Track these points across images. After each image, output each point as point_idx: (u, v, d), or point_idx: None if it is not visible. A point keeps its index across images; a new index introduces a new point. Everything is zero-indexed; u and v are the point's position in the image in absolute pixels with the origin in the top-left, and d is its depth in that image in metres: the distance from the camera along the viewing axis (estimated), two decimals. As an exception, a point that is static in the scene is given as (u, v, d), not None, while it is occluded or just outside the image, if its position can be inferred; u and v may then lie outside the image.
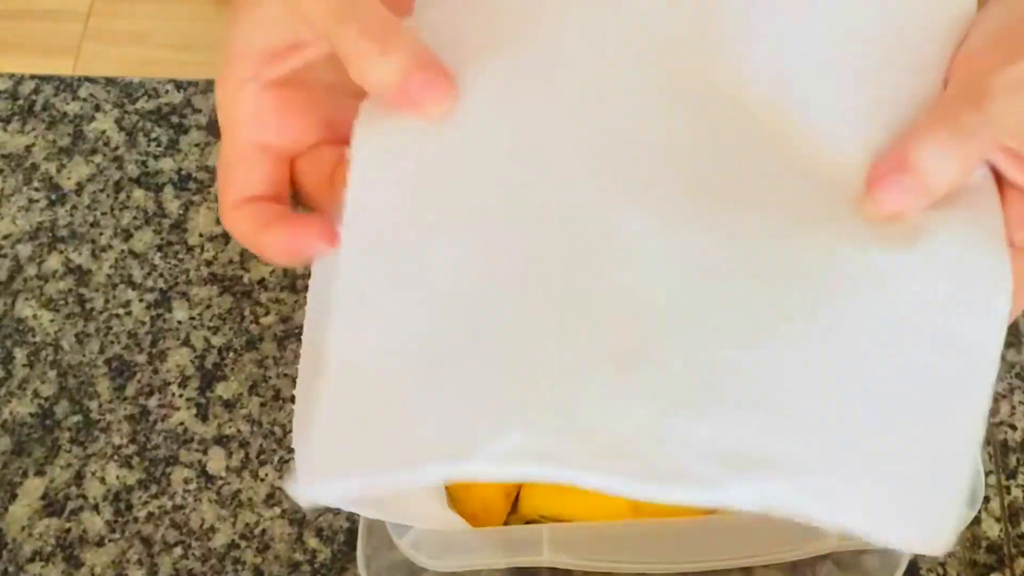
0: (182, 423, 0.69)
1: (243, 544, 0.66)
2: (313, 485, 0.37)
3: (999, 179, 0.43)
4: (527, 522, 0.56)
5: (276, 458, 0.68)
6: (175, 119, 0.78)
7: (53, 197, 0.76)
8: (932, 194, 0.41)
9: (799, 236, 0.40)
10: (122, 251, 0.74)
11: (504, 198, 0.40)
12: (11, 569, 0.66)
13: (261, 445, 0.68)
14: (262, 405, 0.69)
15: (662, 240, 0.39)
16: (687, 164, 0.41)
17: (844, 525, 0.39)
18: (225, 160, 0.43)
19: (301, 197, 0.44)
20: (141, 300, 0.73)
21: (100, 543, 0.66)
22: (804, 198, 0.42)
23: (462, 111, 0.41)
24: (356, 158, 0.41)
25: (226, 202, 0.43)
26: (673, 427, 0.37)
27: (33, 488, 0.68)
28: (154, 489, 0.68)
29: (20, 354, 0.71)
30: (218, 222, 0.75)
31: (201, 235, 0.75)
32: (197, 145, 0.77)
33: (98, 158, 0.77)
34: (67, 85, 0.80)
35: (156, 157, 0.77)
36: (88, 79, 0.80)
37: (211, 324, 0.72)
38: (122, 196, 0.76)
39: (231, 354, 0.71)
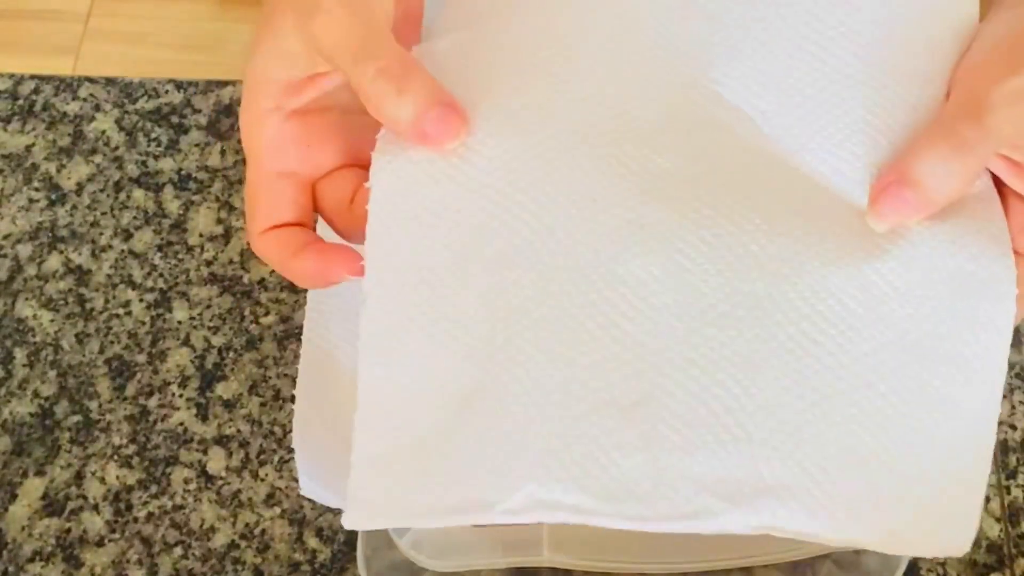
0: (182, 423, 0.69)
1: (243, 544, 0.66)
2: (354, 522, 0.41)
3: (1001, 188, 0.43)
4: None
5: (276, 458, 0.68)
6: (175, 119, 0.78)
7: (53, 197, 0.76)
8: (933, 206, 0.41)
9: (795, 266, 0.41)
10: (122, 251, 0.74)
11: (516, 241, 0.42)
12: (11, 569, 0.66)
13: (261, 445, 0.68)
14: (262, 405, 0.69)
15: (663, 285, 0.41)
16: (689, 197, 0.42)
17: (849, 541, 0.40)
18: (251, 188, 0.44)
19: (323, 218, 0.45)
20: (141, 300, 0.73)
21: (100, 543, 0.66)
22: (803, 220, 0.42)
23: (474, 145, 0.43)
24: (375, 190, 0.42)
25: (255, 229, 0.44)
26: (670, 467, 0.39)
27: (33, 488, 0.68)
28: (154, 489, 0.68)
29: (20, 354, 0.71)
30: (218, 222, 0.75)
31: (201, 235, 0.75)
32: (197, 145, 0.77)
33: (98, 158, 0.77)
34: (67, 85, 0.80)
35: (156, 157, 0.77)
36: (88, 79, 0.80)
37: (211, 324, 0.72)
38: (122, 196, 0.76)
39: (231, 354, 0.71)
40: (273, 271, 0.73)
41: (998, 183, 0.43)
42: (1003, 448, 0.67)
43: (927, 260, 0.41)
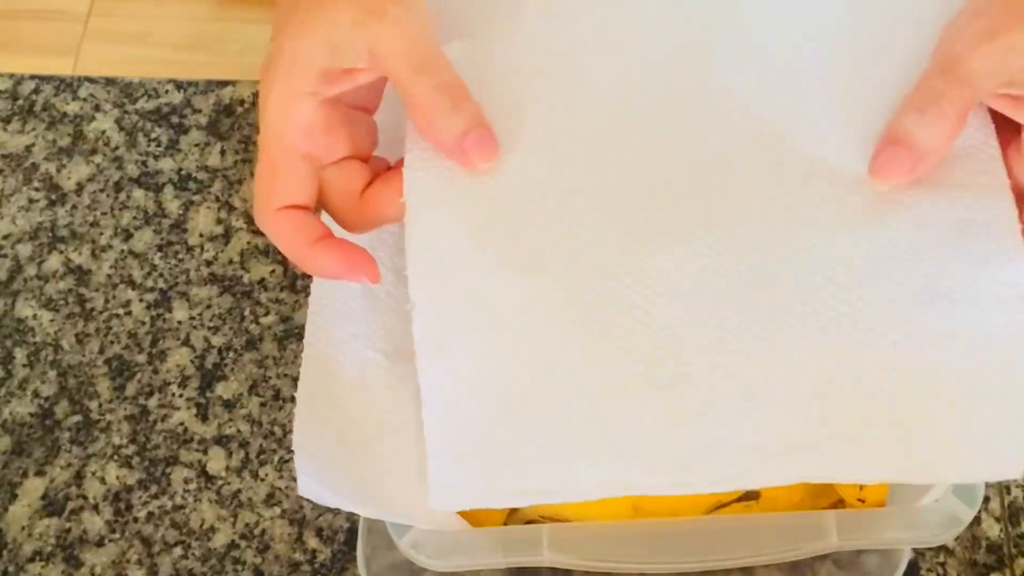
0: (182, 423, 0.69)
1: (243, 544, 0.66)
2: (437, 503, 0.45)
3: (1008, 125, 0.45)
4: (527, 522, 0.56)
5: (276, 458, 0.68)
6: (175, 119, 0.78)
7: (53, 197, 0.76)
8: (926, 158, 0.44)
9: (804, 239, 0.44)
10: (122, 251, 0.74)
11: (545, 246, 0.45)
12: (11, 569, 0.66)
13: (261, 445, 0.68)
14: (262, 405, 0.69)
15: (684, 273, 0.44)
16: (702, 189, 0.45)
17: (887, 478, 0.45)
18: (270, 165, 0.45)
19: (324, 205, 0.46)
20: (141, 300, 0.73)
21: (100, 543, 0.66)
22: (809, 198, 0.45)
23: (502, 159, 0.45)
24: (411, 204, 0.45)
25: (268, 205, 0.45)
26: (708, 437, 0.44)
27: (33, 488, 0.68)
28: (154, 489, 0.68)
29: (20, 354, 0.71)
30: (218, 222, 0.75)
31: (201, 235, 0.75)
32: (197, 145, 0.77)
33: (98, 158, 0.77)
34: (67, 85, 0.80)
35: (156, 157, 0.77)
36: (88, 79, 0.80)
37: (211, 324, 0.72)
38: (122, 196, 0.76)
39: (231, 354, 0.71)
40: (273, 271, 0.73)
41: (1008, 123, 0.45)
42: (1003, 448, 0.67)
43: (928, 214, 0.44)
